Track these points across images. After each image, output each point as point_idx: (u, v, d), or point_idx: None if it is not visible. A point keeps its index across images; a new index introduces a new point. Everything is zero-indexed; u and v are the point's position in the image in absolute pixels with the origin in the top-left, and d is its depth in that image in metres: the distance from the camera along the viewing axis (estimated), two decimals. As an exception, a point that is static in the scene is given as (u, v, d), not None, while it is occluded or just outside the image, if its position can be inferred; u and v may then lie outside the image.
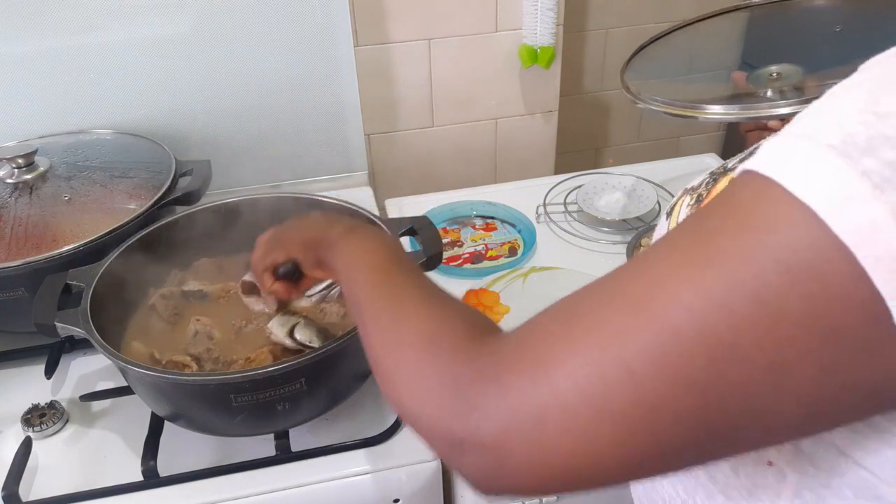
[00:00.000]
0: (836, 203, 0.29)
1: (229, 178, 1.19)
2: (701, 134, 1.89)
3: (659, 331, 0.32)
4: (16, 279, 0.83)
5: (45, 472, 0.77)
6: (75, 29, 1.06)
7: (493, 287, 0.99)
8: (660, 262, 0.34)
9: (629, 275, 0.35)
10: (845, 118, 0.30)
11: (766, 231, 0.30)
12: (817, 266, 0.29)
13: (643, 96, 0.80)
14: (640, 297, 0.33)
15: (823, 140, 0.30)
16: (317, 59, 1.16)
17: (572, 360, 0.33)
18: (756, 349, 0.30)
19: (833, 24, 0.84)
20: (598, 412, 0.32)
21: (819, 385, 0.30)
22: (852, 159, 0.29)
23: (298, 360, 0.67)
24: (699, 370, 0.31)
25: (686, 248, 0.33)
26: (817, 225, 0.29)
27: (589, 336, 0.34)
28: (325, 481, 0.74)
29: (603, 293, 0.35)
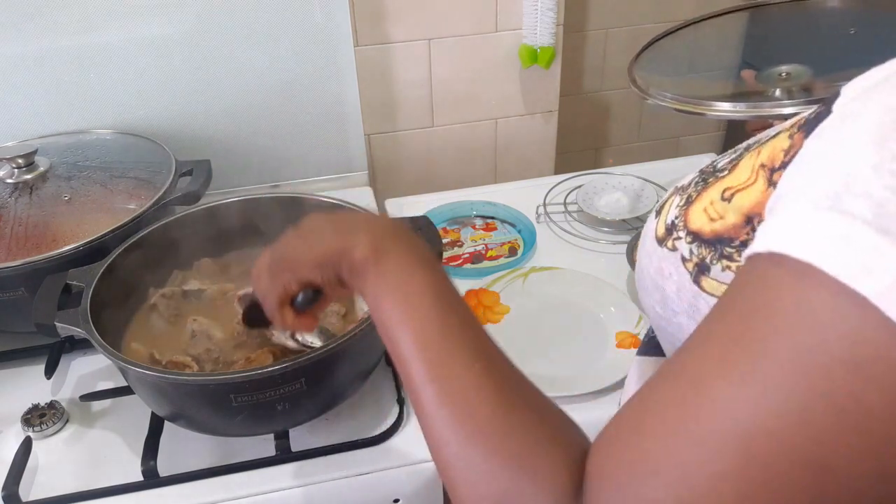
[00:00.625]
0: (887, 287, 0.27)
1: (229, 178, 1.19)
2: (701, 134, 1.89)
3: (736, 456, 0.29)
4: (16, 279, 0.83)
5: (45, 472, 0.77)
6: (75, 29, 1.06)
7: (493, 287, 0.99)
8: (712, 382, 0.31)
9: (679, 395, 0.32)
10: (867, 183, 0.28)
11: (819, 326, 0.28)
12: (884, 355, 0.27)
13: (652, 92, 0.80)
14: (703, 424, 0.30)
15: (855, 214, 0.28)
16: (317, 59, 1.16)
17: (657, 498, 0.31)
18: (848, 457, 0.28)
19: (848, 27, 0.84)
20: None
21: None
22: (893, 236, 0.27)
23: (298, 360, 0.67)
24: (795, 492, 0.29)
25: (735, 361, 0.30)
26: (873, 312, 0.27)
27: (668, 471, 0.31)
28: (325, 481, 0.74)
29: (660, 419, 0.32)
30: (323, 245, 0.52)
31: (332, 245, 0.51)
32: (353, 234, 0.50)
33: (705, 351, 0.32)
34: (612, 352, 0.87)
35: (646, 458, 0.32)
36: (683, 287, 0.48)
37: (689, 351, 0.33)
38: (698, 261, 0.47)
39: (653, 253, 0.52)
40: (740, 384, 0.30)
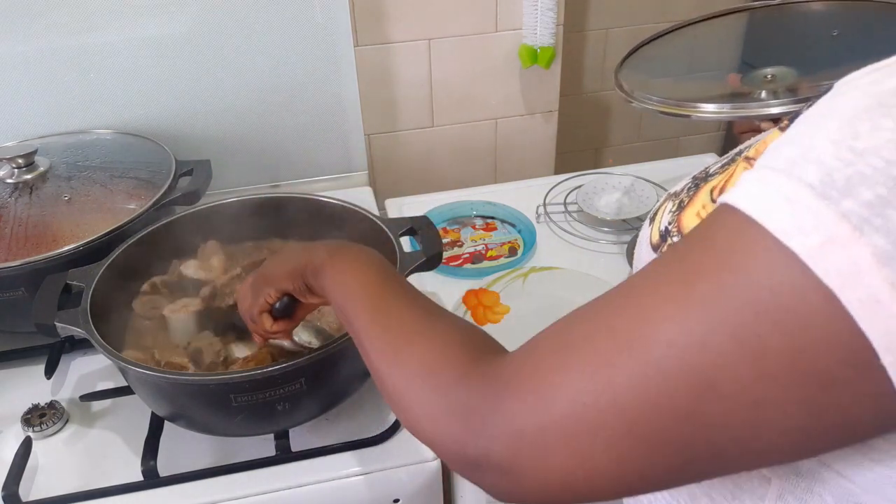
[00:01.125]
0: (816, 246, 0.29)
1: (229, 178, 1.19)
2: (701, 134, 1.90)
3: (644, 365, 0.33)
4: (16, 279, 0.83)
5: (45, 472, 0.77)
6: (75, 29, 1.06)
7: (493, 287, 0.99)
8: (644, 296, 0.35)
9: (617, 306, 0.37)
10: (823, 153, 0.31)
11: (746, 272, 0.31)
12: (798, 308, 0.30)
13: (636, 95, 0.81)
14: (625, 332, 0.35)
15: (803, 178, 0.31)
16: (317, 59, 1.16)
17: (567, 389, 0.36)
18: (736, 387, 0.31)
19: (830, 28, 0.84)
20: (592, 438, 0.35)
21: (801, 421, 0.31)
22: (831, 200, 0.29)
23: (298, 360, 0.67)
24: (683, 403, 0.33)
25: (668, 284, 0.34)
26: (798, 267, 0.30)
27: (581, 367, 0.36)
28: (325, 481, 0.74)
29: (592, 324, 0.37)
30: (292, 260, 0.62)
31: (300, 258, 0.61)
32: (315, 248, 0.61)
33: (651, 275, 0.36)
34: (612, 352, 0.87)
35: (571, 344, 0.37)
36: None
37: (640, 273, 0.37)
38: None
39: (648, 260, 0.52)
40: (667, 304, 0.34)
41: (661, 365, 0.33)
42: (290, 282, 0.62)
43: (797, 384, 0.31)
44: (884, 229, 0.28)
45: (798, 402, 0.31)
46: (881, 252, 0.28)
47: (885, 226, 0.28)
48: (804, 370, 0.30)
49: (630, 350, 0.34)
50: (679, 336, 0.33)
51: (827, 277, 0.29)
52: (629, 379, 0.34)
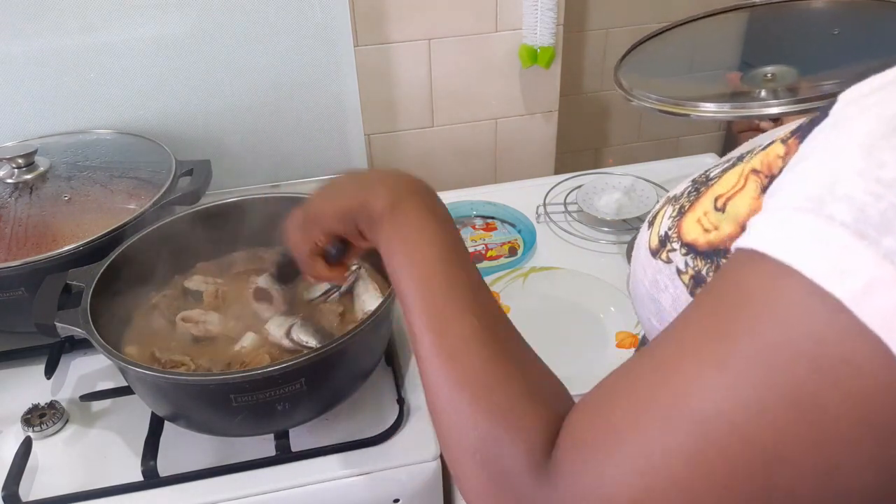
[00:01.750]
0: (860, 290, 0.28)
1: (229, 178, 1.19)
2: (701, 134, 1.90)
3: (695, 439, 0.31)
4: (16, 279, 0.83)
5: (45, 472, 0.77)
6: (75, 29, 1.06)
7: (494, 287, 0.99)
8: (683, 365, 0.32)
9: (651, 376, 0.34)
10: (851, 187, 0.29)
11: (788, 324, 0.29)
12: (849, 358, 0.28)
13: (635, 93, 0.80)
14: (668, 406, 0.32)
15: (835, 216, 0.29)
16: (317, 59, 1.16)
17: (620, 473, 0.33)
18: (800, 450, 0.29)
19: (831, 27, 0.84)
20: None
21: (871, 477, 0.29)
22: (870, 240, 0.28)
23: (298, 360, 0.67)
24: (746, 477, 0.30)
25: (707, 349, 0.32)
26: (843, 314, 0.28)
27: (632, 448, 0.33)
28: (325, 481, 0.74)
29: (631, 397, 0.34)
30: (345, 199, 0.55)
31: (353, 198, 0.54)
32: (372, 189, 0.53)
33: (682, 335, 0.34)
34: (612, 352, 0.87)
35: (613, 429, 0.34)
36: (679, 300, 0.48)
37: (667, 334, 0.35)
38: (694, 273, 0.47)
39: (647, 265, 0.52)
40: (707, 370, 0.31)
41: (717, 440, 0.30)
42: (341, 224, 0.56)
43: (862, 439, 0.29)
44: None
45: (866, 458, 0.29)
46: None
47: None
48: (867, 424, 0.28)
49: (679, 428, 0.31)
50: (730, 406, 0.30)
51: (873, 322, 0.27)
52: (685, 460, 0.31)
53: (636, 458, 0.32)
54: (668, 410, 0.32)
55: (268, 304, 0.82)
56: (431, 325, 0.44)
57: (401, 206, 0.51)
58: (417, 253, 0.48)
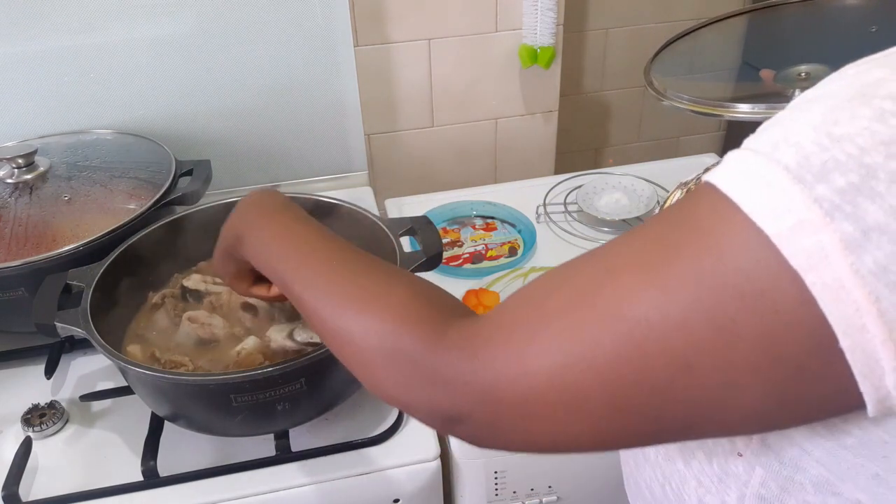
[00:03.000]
0: (787, 229, 0.30)
1: (229, 178, 1.19)
2: (701, 134, 1.90)
3: (624, 343, 0.34)
4: (16, 279, 0.83)
5: (45, 472, 0.77)
6: (75, 29, 1.06)
7: (494, 287, 0.99)
8: (625, 272, 0.36)
9: (596, 279, 0.37)
10: (803, 137, 0.31)
11: (722, 253, 0.32)
12: (770, 291, 0.30)
13: (669, 94, 0.80)
14: (605, 307, 0.35)
15: (781, 160, 0.31)
16: (317, 59, 1.16)
17: (543, 352, 0.37)
18: (710, 368, 0.33)
19: (869, 24, 0.83)
20: (568, 400, 0.36)
21: (769, 401, 0.33)
22: (806, 184, 0.30)
23: (298, 360, 0.67)
24: (659, 380, 0.34)
25: (648, 259, 0.35)
26: (771, 250, 0.30)
27: (561, 338, 0.36)
28: (325, 481, 0.74)
29: (570, 294, 0.37)
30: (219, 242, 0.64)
31: (220, 240, 0.63)
32: (227, 221, 0.62)
33: (631, 245, 0.37)
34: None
35: (546, 313, 0.37)
36: None
37: (619, 240, 0.38)
38: None
39: None
40: (645, 279, 0.34)
41: (640, 343, 0.34)
42: (228, 265, 0.64)
43: (767, 367, 0.32)
44: (853, 216, 0.29)
45: (766, 384, 0.32)
46: (849, 238, 0.29)
47: (854, 213, 0.29)
48: (775, 356, 0.31)
49: (610, 326, 0.35)
50: (659, 316, 0.33)
51: (795, 260, 0.30)
52: (607, 350, 0.35)
53: (562, 341, 0.36)
54: (602, 308, 0.35)
55: (252, 315, 0.82)
56: (304, 280, 0.50)
57: (249, 228, 0.59)
58: (269, 244, 0.55)
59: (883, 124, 0.30)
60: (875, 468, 0.35)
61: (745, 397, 0.33)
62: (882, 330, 0.29)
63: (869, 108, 0.30)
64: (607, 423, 0.36)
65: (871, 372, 0.30)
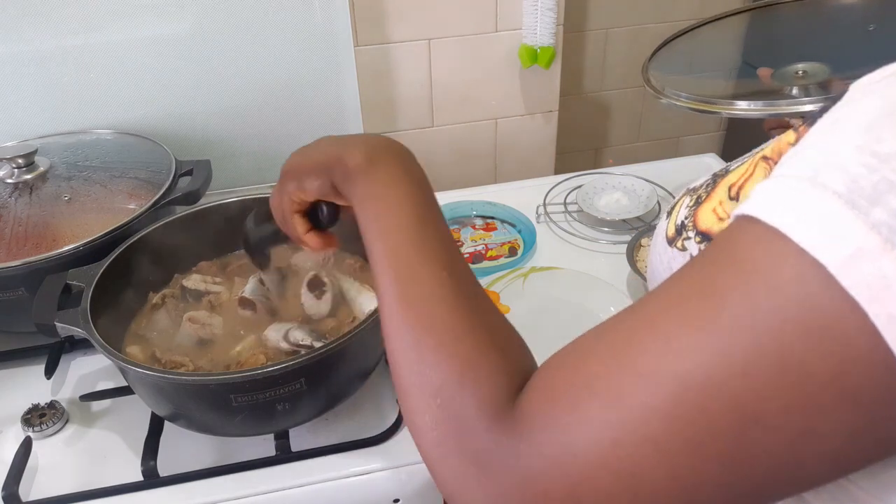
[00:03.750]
0: (846, 258, 0.28)
1: (229, 178, 1.19)
2: (701, 134, 1.90)
3: (674, 398, 0.31)
4: (16, 279, 0.83)
5: (45, 472, 0.77)
6: (75, 29, 1.06)
7: (493, 287, 0.99)
8: (667, 322, 0.32)
9: (637, 336, 0.33)
10: (847, 159, 0.29)
11: (777, 289, 0.29)
12: (834, 325, 0.28)
13: (667, 91, 0.80)
14: (648, 362, 0.32)
15: (829, 185, 0.29)
16: (317, 59, 1.16)
17: (588, 427, 0.33)
18: (779, 414, 0.29)
19: (866, 23, 0.82)
20: (624, 480, 0.32)
21: (847, 444, 0.30)
22: (860, 210, 0.28)
23: (298, 360, 0.67)
24: (725, 439, 0.30)
25: (692, 305, 0.32)
26: (829, 281, 0.28)
27: (603, 403, 0.33)
28: (325, 481, 0.74)
29: (611, 358, 0.34)
30: (321, 154, 0.56)
31: (330, 153, 0.54)
32: (349, 145, 0.53)
33: (669, 294, 0.34)
34: (612, 352, 0.87)
35: (587, 381, 0.34)
36: None
37: (655, 293, 0.35)
38: None
39: (663, 253, 0.52)
40: (693, 329, 0.31)
41: (697, 401, 0.30)
42: (316, 178, 0.55)
43: (844, 407, 0.29)
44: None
45: (845, 425, 0.29)
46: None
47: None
48: (848, 395, 0.29)
49: (659, 386, 0.31)
50: (715, 366, 0.30)
51: (856, 291, 0.28)
52: (665, 419, 0.31)
53: (608, 411, 0.32)
54: (647, 366, 0.32)
55: (252, 311, 0.82)
56: (399, 276, 0.44)
57: (376, 163, 0.51)
58: (389, 208, 0.48)
59: None
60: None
61: (824, 444, 0.30)
62: None
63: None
64: (673, 500, 0.32)
65: None
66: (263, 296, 0.83)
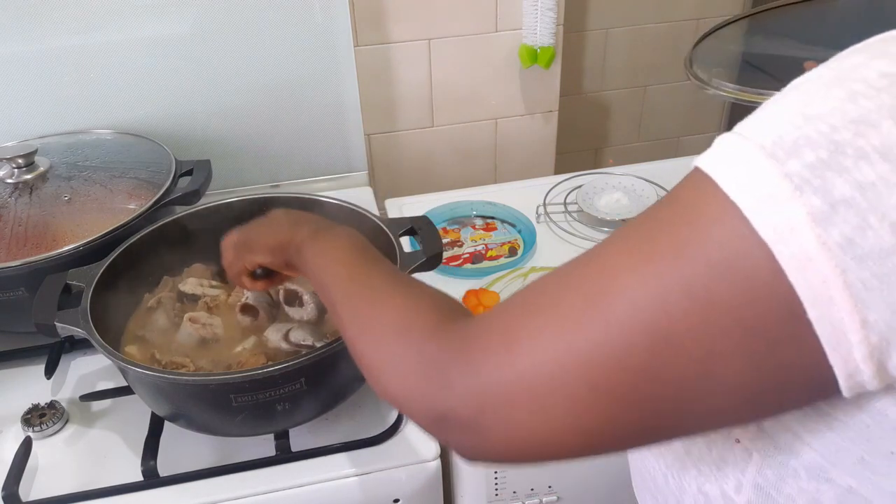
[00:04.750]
0: (759, 203, 0.31)
1: (229, 178, 1.19)
2: (701, 134, 1.90)
3: (606, 322, 0.34)
4: (16, 279, 0.83)
5: (45, 472, 0.77)
6: (75, 29, 1.06)
7: (494, 287, 0.99)
8: (612, 253, 0.37)
9: (585, 265, 0.38)
10: (779, 118, 0.33)
11: (699, 227, 0.33)
12: (742, 262, 0.31)
13: (713, 83, 0.81)
14: (591, 289, 0.36)
15: (758, 140, 0.32)
16: (317, 59, 1.16)
17: (533, 346, 0.36)
18: (690, 340, 0.33)
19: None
20: (555, 395, 0.36)
21: (748, 375, 0.33)
22: (778, 160, 0.31)
23: (298, 360, 0.67)
24: (642, 359, 0.34)
25: (635, 240, 0.36)
26: (743, 223, 0.31)
27: (547, 324, 0.36)
28: (325, 481, 0.74)
29: (560, 283, 0.38)
30: (277, 234, 0.64)
31: (284, 235, 0.63)
32: (298, 226, 0.62)
33: (619, 231, 0.38)
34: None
35: (531, 312, 0.38)
36: None
37: (611, 234, 0.39)
38: None
39: None
40: (629, 257, 0.35)
41: (622, 322, 0.34)
42: (270, 256, 0.65)
43: (743, 338, 0.32)
44: (821, 190, 0.30)
45: (744, 356, 0.32)
46: (816, 211, 0.30)
47: (822, 187, 0.30)
48: (749, 325, 0.32)
49: (595, 308, 0.35)
50: (639, 292, 0.34)
51: (764, 231, 0.31)
52: (592, 337, 0.35)
53: (549, 331, 0.36)
54: (588, 293, 0.36)
55: (253, 318, 0.82)
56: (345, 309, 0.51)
57: (321, 232, 0.60)
58: (330, 262, 0.56)
59: (853, 104, 0.31)
60: (860, 451, 0.35)
61: (726, 371, 0.33)
62: (848, 302, 0.30)
63: (842, 90, 0.31)
64: (592, 413, 0.35)
65: (839, 344, 0.30)
66: (266, 302, 0.83)
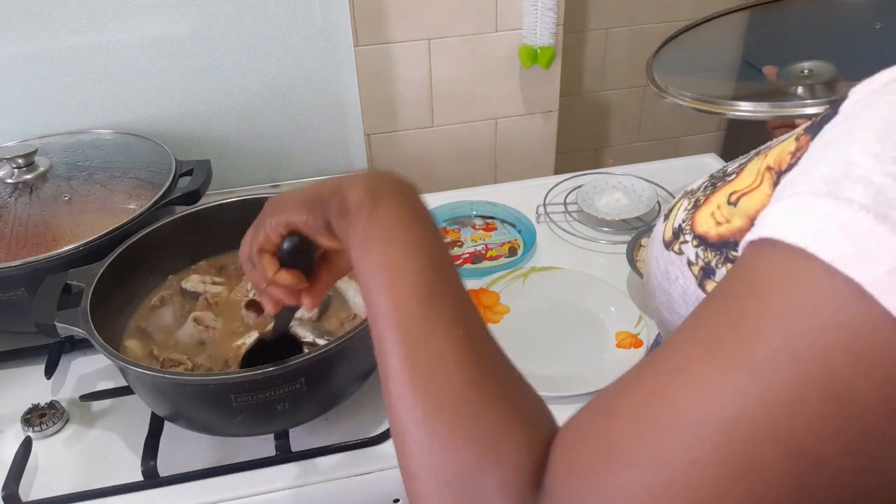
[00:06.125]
0: (883, 275, 0.26)
1: (229, 178, 1.19)
2: (701, 134, 1.90)
3: (724, 453, 0.27)
4: (16, 279, 0.83)
5: (45, 472, 0.77)
6: (75, 29, 1.06)
7: (493, 287, 0.99)
8: (696, 368, 0.29)
9: (659, 379, 0.30)
10: (867, 170, 0.27)
11: (814, 313, 0.27)
12: (877, 345, 0.26)
13: (671, 91, 0.79)
14: (688, 417, 0.28)
15: (853, 199, 0.27)
16: (317, 59, 1.16)
17: (622, 492, 0.29)
18: (841, 453, 0.27)
19: (872, 21, 0.81)
20: None
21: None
22: (891, 223, 0.26)
23: (298, 360, 0.67)
24: (777, 484, 0.27)
25: (723, 347, 0.29)
26: (866, 299, 0.26)
27: (636, 462, 0.29)
28: (325, 481, 0.74)
29: (634, 405, 0.31)
30: (313, 189, 0.49)
31: (325, 187, 0.48)
32: (349, 180, 0.47)
33: (692, 337, 0.31)
34: (612, 352, 0.87)
35: (616, 448, 0.30)
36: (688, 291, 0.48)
37: (675, 338, 0.32)
38: (704, 264, 0.47)
39: (660, 256, 0.52)
40: (726, 370, 0.28)
41: (745, 447, 0.27)
42: (303, 212, 0.49)
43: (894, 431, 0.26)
44: None
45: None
46: None
47: None
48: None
49: (698, 436, 0.28)
50: (757, 405, 0.27)
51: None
52: (708, 471, 0.27)
53: (644, 475, 0.29)
54: (682, 418, 0.28)
55: (258, 314, 0.82)
56: (408, 336, 0.39)
57: (382, 200, 0.45)
58: (398, 254, 0.42)
59: None
60: None
61: (883, 475, 0.27)
62: None
63: None
64: None
65: None
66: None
